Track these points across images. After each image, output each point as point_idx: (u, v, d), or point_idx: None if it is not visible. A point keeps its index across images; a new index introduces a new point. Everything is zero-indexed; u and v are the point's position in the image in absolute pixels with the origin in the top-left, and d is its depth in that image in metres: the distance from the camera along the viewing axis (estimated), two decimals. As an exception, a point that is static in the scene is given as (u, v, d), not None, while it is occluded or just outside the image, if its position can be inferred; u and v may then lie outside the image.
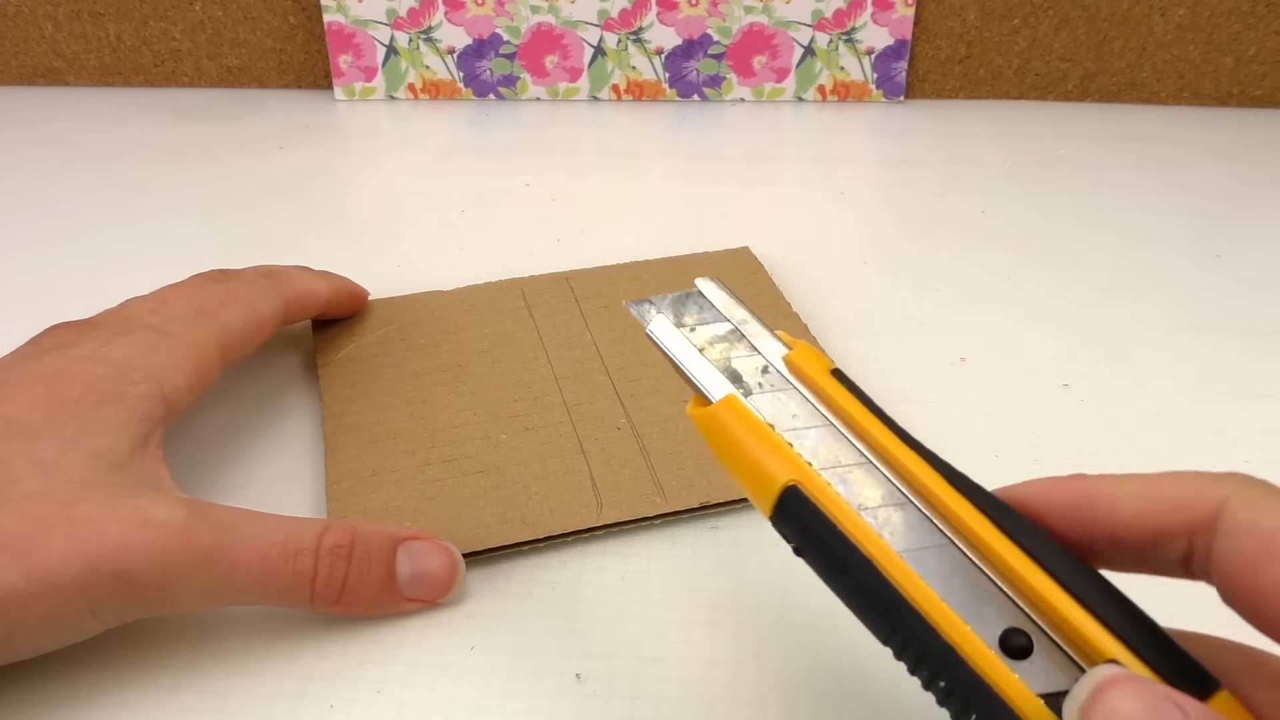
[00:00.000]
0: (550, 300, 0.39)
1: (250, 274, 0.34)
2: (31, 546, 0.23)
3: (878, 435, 0.19)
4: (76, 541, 0.23)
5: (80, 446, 0.25)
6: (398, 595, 0.27)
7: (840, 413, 0.19)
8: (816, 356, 0.20)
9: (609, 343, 0.37)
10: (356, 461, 0.31)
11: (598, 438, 0.32)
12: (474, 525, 0.29)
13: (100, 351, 0.28)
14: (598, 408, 0.33)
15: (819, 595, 0.28)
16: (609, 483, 0.31)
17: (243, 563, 0.24)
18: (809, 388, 0.20)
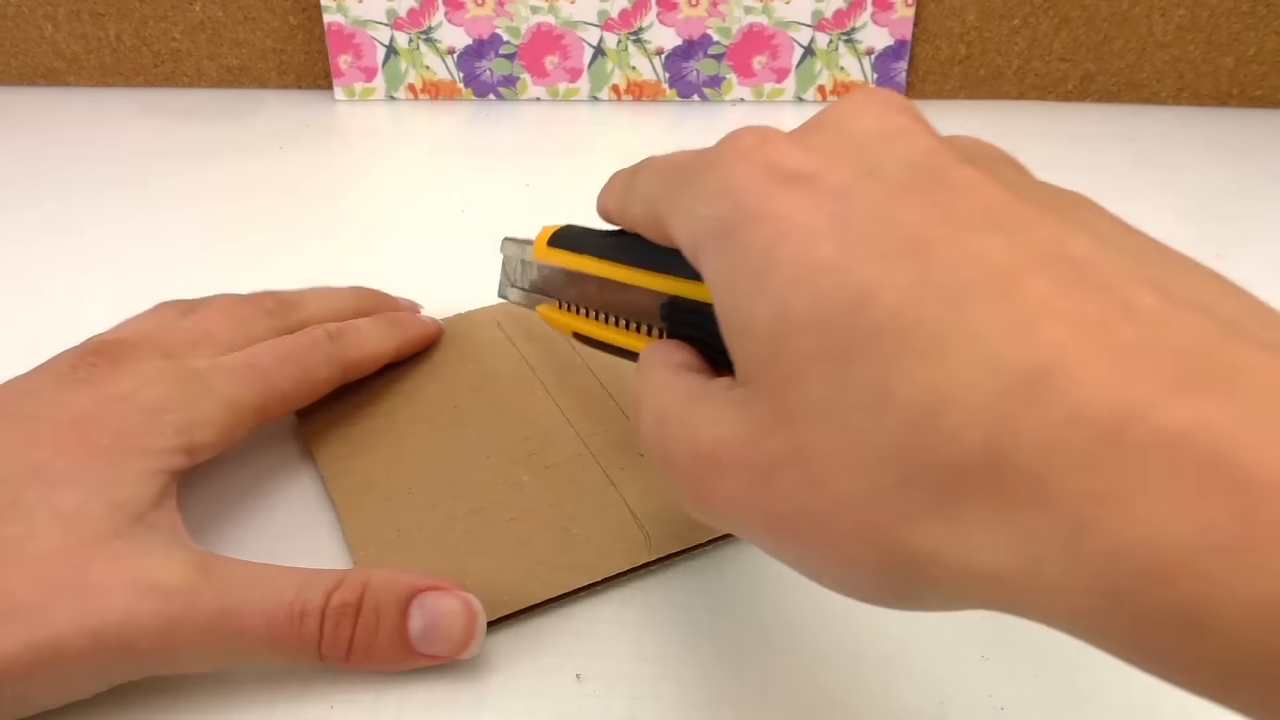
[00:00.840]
0: (528, 326, 0.37)
1: (316, 333, 0.32)
2: (40, 617, 0.23)
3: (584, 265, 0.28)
4: (83, 612, 0.23)
5: (103, 497, 0.25)
6: (411, 652, 0.25)
7: (565, 262, 0.30)
8: (542, 247, 0.30)
9: (602, 364, 0.35)
10: (377, 523, 0.29)
11: (623, 466, 0.31)
12: (524, 578, 0.27)
13: (136, 395, 0.27)
14: (613, 435, 0.32)
15: (820, 596, 0.28)
16: (649, 513, 0.29)
17: (248, 629, 0.24)
18: (553, 263, 0.30)
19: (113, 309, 0.41)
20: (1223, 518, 0.13)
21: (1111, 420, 0.14)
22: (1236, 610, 0.12)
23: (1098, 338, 0.14)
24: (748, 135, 0.20)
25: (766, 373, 0.18)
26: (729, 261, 0.19)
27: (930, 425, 0.15)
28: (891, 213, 0.17)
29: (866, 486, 0.16)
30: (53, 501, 0.25)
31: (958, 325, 0.15)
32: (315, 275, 0.43)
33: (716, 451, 0.19)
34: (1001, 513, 0.15)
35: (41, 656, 0.23)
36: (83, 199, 0.50)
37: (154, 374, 0.28)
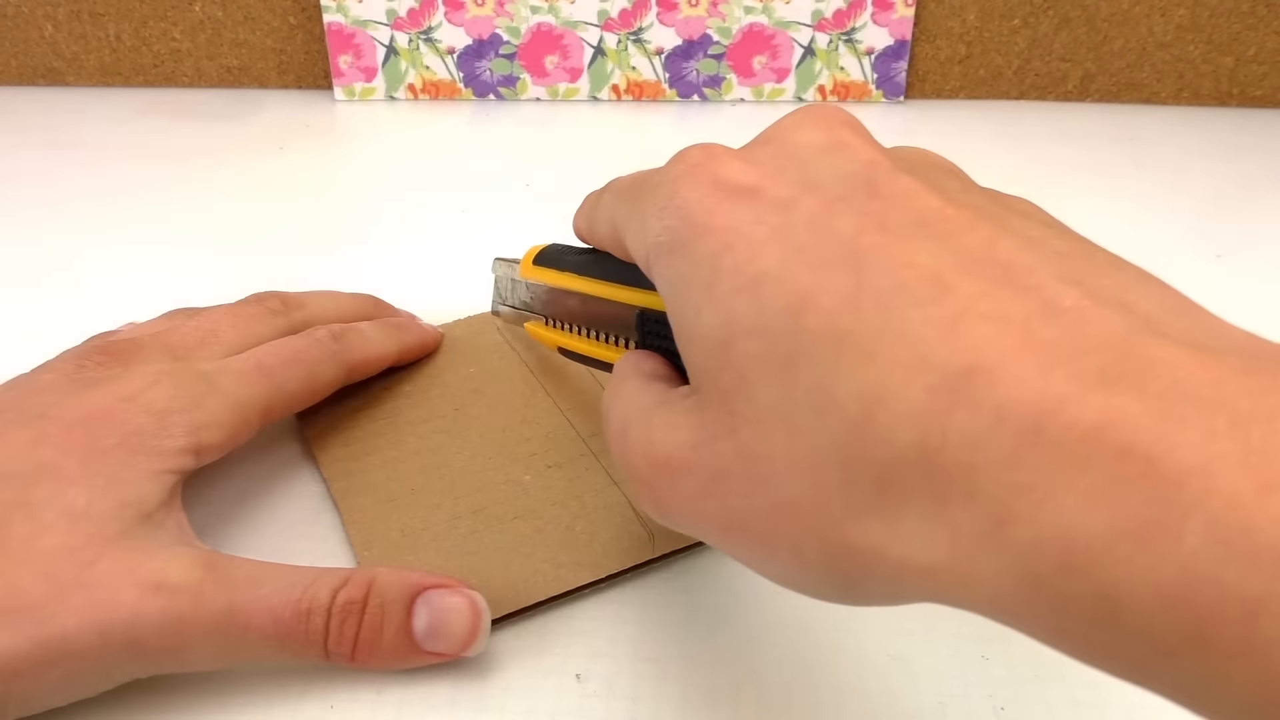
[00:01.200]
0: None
1: (320, 333, 0.32)
2: (48, 613, 0.23)
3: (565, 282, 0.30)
4: (91, 608, 0.23)
5: (111, 495, 0.25)
6: (416, 649, 0.25)
7: (549, 279, 0.31)
8: (529, 266, 0.31)
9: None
10: (380, 524, 0.29)
11: None
12: (528, 575, 0.27)
13: (145, 395, 0.27)
14: None
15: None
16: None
17: (255, 626, 0.24)
18: (539, 280, 0.31)
19: (113, 308, 0.41)
20: (1132, 507, 0.13)
21: (1031, 417, 0.14)
22: (1147, 595, 0.13)
23: (1020, 337, 0.15)
24: (695, 151, 0.21)
25: (715, 380, 0.19)
26: (678, 273, 0.20)
27: (867, 425, 0.16)
28: (829, 223, 0.18)
29: (811, 486, 0.17)
30: (61, 500, 0.25)
31: (890, 329, 0.16)
32: (315, 275, 0.43)
33: (671, 457, 0.20)
34: (934, 507, 0.15)
35: (49, 653, 0.23)
36: (82, 199, 0.50)
37: (162, 375, 0.28)
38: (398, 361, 0.35)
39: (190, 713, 0.25)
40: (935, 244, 0.17)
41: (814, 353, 0.17)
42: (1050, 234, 0.18)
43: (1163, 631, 0.13)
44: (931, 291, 0.16)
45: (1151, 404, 0.14)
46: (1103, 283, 0.16)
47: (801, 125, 0.21)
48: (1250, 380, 0.14)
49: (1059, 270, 0.16)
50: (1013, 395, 0.14)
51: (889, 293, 0.16)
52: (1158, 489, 0.13)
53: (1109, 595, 0.13)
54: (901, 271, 0.17)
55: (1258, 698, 0.12)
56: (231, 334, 0.31)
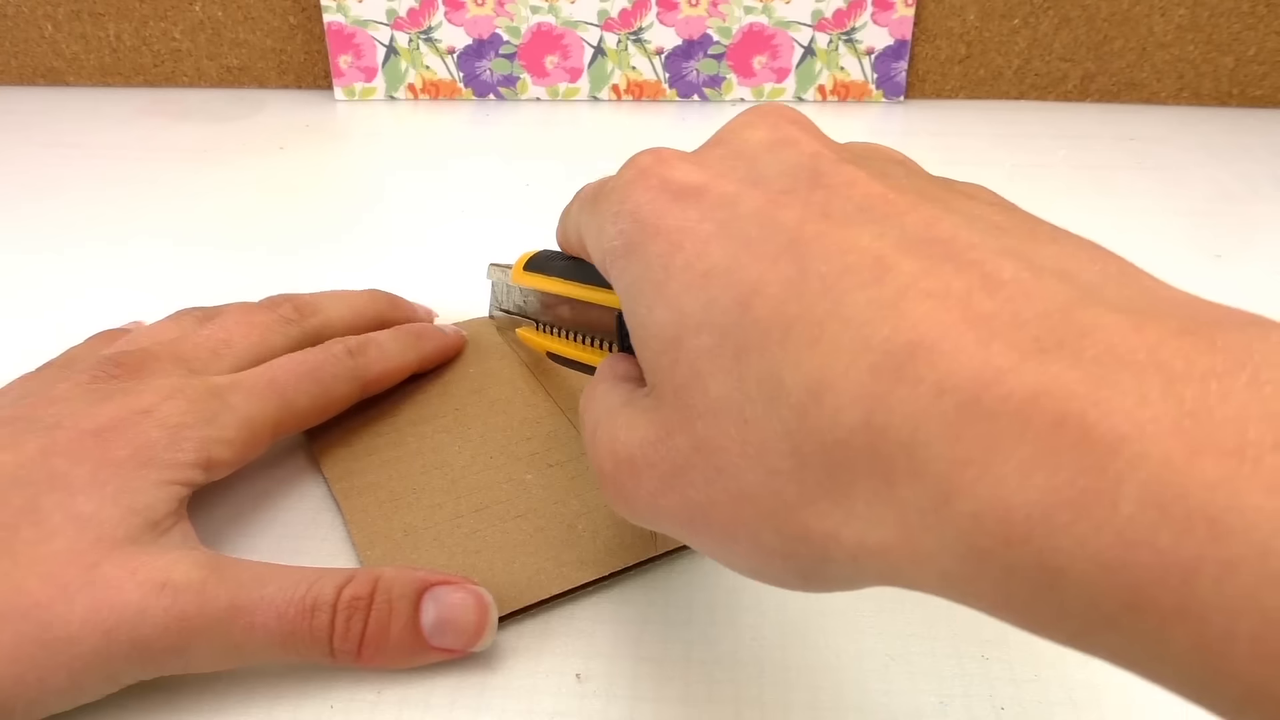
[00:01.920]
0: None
1: (337, 348, 0.32)
2: (53, 614, 0.23)
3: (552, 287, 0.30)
4: (96, 609, 0.23)
5: (120, 503, 0.25)
6: (423, 645, 0.25)
7: (537, 284, 0.31)
8: (519, 271, 0.32)
9: None
10: (382, 523, 0.29)
11: None
12: (531, 573, 0.28)
13: (159, 410, 0.27)
14: None
15: (820, 596, 0.28)
16: None
17: (259, 624, 0.24)
18: (528, 285, 0.32)
19: (113, 308, 0.41)
20: (1069, 475, 0.13)
21: (970, 389, 0.14)
22: (1086, 563, 0.13)
23: (960, 312, 0.15)
24: (644, 156, 0.21)
25: (669, 376, 0.19)
26: (632, 275, 0.20)
27: (815, 410, 0.16)
28: (773, 215, 0.18)
29: (765, 475, 0.17)
30: (69, 507, 0.25)
31: (834, 313, 0.16)
32: (315, 274, 0.43)
33: (633, 454, 0.20)
34: (882, 487, 0.15)
35: (54, 655, 0.23)
36: (82, 199, 0.50)
37: (176, 390, 0.28)
38: (417, 370, 0.35)
39: (191, 714, 0.25)
40: (877, 227, 0.17)
41: (762, 342, 0.17)
42: (993, 211, 0.18)
43: (1102, 598, 0.13)
44: (873, 273, 0.16)
45: (1086, 371, 0.14)
46: (1044, 253, 0.16)
47: (748, 124, 0.21)
48: (1185, 341, 0.13)
49: (999, 244, 0.16)
50: (952, 369, 0.15)
51: (832, 277, 0.17)
52: (1092, 456, 0.13)
53: (1049, 565, 0.13)
54: (844, 256, 0.17)
55: (1197, 660, 0.12)
56: (244, 344, 0.31)
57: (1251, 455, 0.12)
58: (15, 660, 0.22)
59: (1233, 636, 0.12)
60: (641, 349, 0.20)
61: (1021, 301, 0.15)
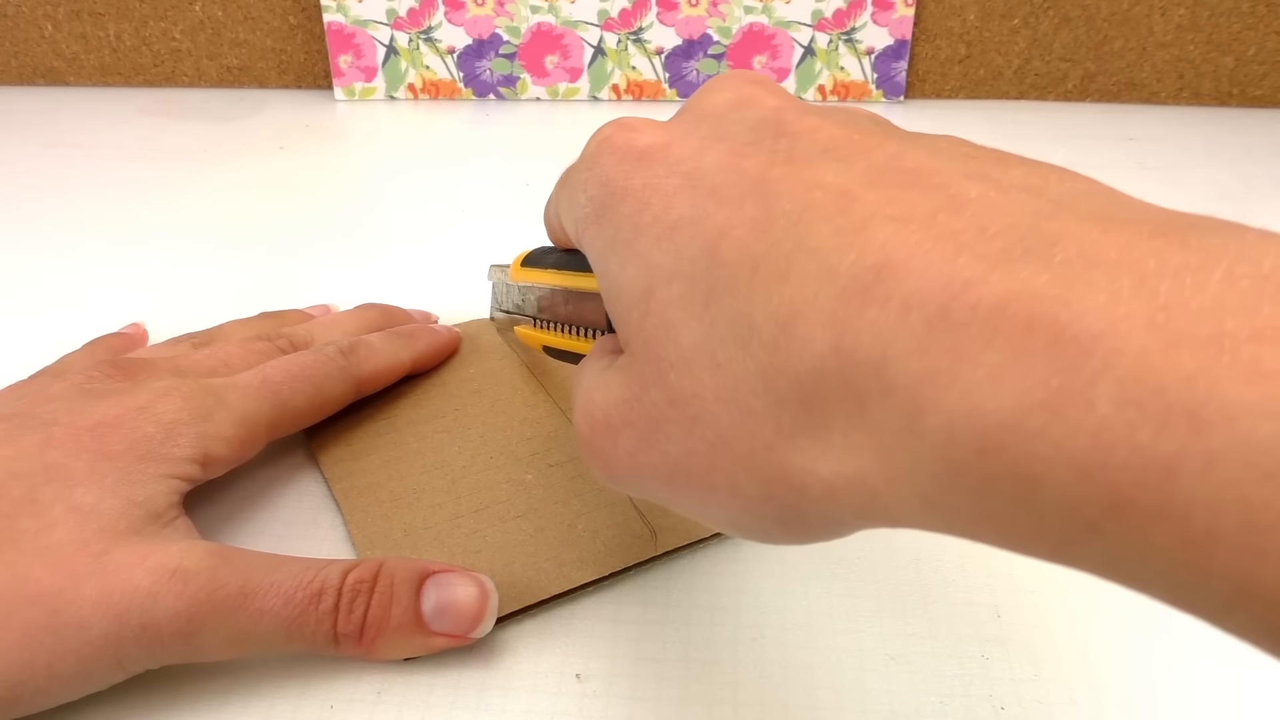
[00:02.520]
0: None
1: (329, 349, 0.32)
2: (63, 600, 0.23)
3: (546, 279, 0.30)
4: (108, 593, 0.23)
5: (119, 494, 0.25)
6: (424, 630, 0.25)
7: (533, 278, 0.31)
8: (517, 268, 0.31)
9: None
10: (382, 523, 0.29)
11: None
12: (531, 573, 0.28)
13: (154, 406, 0.28)
14: None
15: (820, 596, 0.28)
16: (654, 509, 0.29)
17: (268, 609, 0.24)
18: (525, 280, 0.32)
19: (113, 308, 0.41)
20: (1041, 377, 0.13)
21: (937, 302, 0.14)
22: (1064, 466, 0.12)
23: (924, 230, 0.15)
24: (608, 126, 0.22)
25: (639, 330, 0.19)
26: (604, 239, 0.20)
27: (785, 342, 0.16)
28: (737, 164, 0.18)
29: (741, 416, 0.17)
30: (68, 498, 0.25)
31: (800, 245, 0.16)
32: (315, 275, 0.43)
33: (609, 415, 0.20)
34: (855, 411, 0.15)
35: (64, 640, 0.23)
36: (82, 198, 0.50)
37: (171, 388, 0.28)
38: (413, 370, 0.35)
39: (191, 713, 0.25)
40: (842, 164, 0.17)
41: (731, 284, 0.17)
42: (961, 146, 0.18)
43: (1081, 503, 0.12)
44: (838, 205, 0.16)
45: (1057, 273, 0.13)
46: (1012, 175, 0.16)
47: (711, 90, 0.21)
48: (1157, 243, 0.13)
49: (966, 169, 0.16)
50: (919, 285, 0.14)
51: (797, 214, 0.17)
52: (1065, 356, 0.13)
53: (1025, 473, 0.13)
54: (809, 193, 0.17)
55: (1181, 560, 0.12)
56: (241, 365, 0.31)
57: (1229, 346, 0.12)
58: (24, 647, 0.23)
59: (1217, 532, 0.11)
60: (614, 306, 0.20)
61: (988, 216, 0.15)
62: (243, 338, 0.33)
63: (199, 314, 0.38)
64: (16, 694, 0.23)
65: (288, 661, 0.26)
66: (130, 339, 0.35)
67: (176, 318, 0.38)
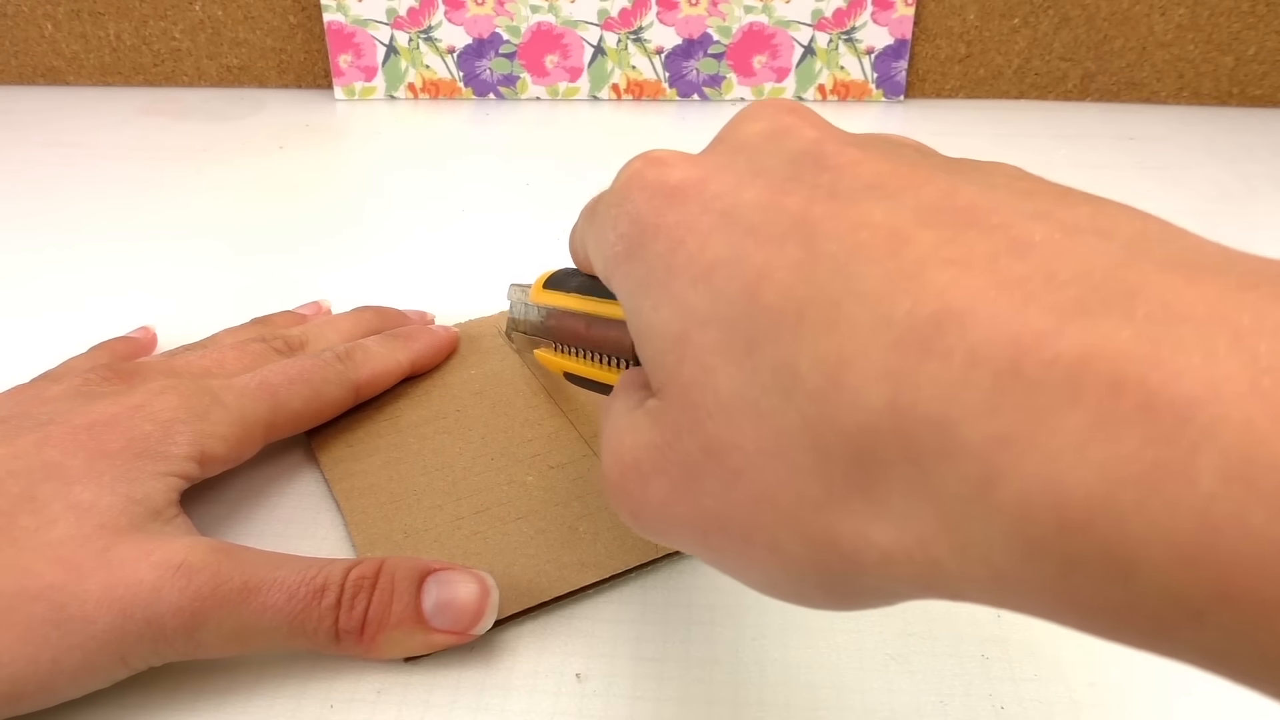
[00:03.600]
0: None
1: (327, 354, 0.32)
2: (67, 594, 0.23)
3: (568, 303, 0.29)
4: (113, 588, 0.23)
5: (118, 492, 0.25)
6: (425, 626, 0.25)
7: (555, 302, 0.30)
8: (538, 289, 0.31)
9: None
10: (383, 524, 0.29)
11: None
12: (532, 575, 0.28)
13: (151, 404, 0.28)
14: None
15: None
16: None
17: (271, 604, 0.24)
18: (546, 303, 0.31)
19: (113, 307, 0.41)
20: (1132, 447, 0.11)
21: (1007, 356, 0.13)
22: (1162, 549, 0.11)
23: (988, 276, 0.14)
24: (637, 160, 0.21)
25: (674, 375, 0.18)
26: (635, 278, 0.19)
27: (835, 393, 0.15)
28: (777, 201, 0.17)
29: (785, 472, 0.16)
30: (67, 495, 0.25)
31: (848, 290, 0.15)
32: (315, 274, 0.43)
33: (638, 459, 0.19)
34: (914, 473, 0.14)
35: (68, 635, 0.23)
36: (82, 198, 0.50)
37: (167, 387, 0.29)
38: (412, 372, 0.35)
39: (191, 712, 0.25)
40: (890, 201, 0.16)
41: (774, 330, 0.16)
42: (1018, 179, 0.17)
43: (1185, 590, 0.11)
44: (889, 247, 0.15)
45: (1141, 329, 0.12)
46: (1077, 214, 0.15)
47: (746, 119, 0.20)
48: (1249, 295, 0.12)
49: (1026, 207, 0.15)
50: (985, 336, 0.13)
51: (844, 256, 0.15)
52: (1159, 424, 0.11)
53: (1117, 554, 0.12)
54: (856, 233, 0.16)
55: None
56: (238, 367, 0.32)
57: None
58: (28, 642, 0.23)
59: None
60: (645, 349, 0.19)
61: (1056, 262, 0.13)
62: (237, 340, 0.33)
63: (199, 313, 0.38)
64: (21, 689, 0.23)
65: (287, 660, 0.26)
66: (138, 343, 0.36)
67: (176, 317, 0.38)
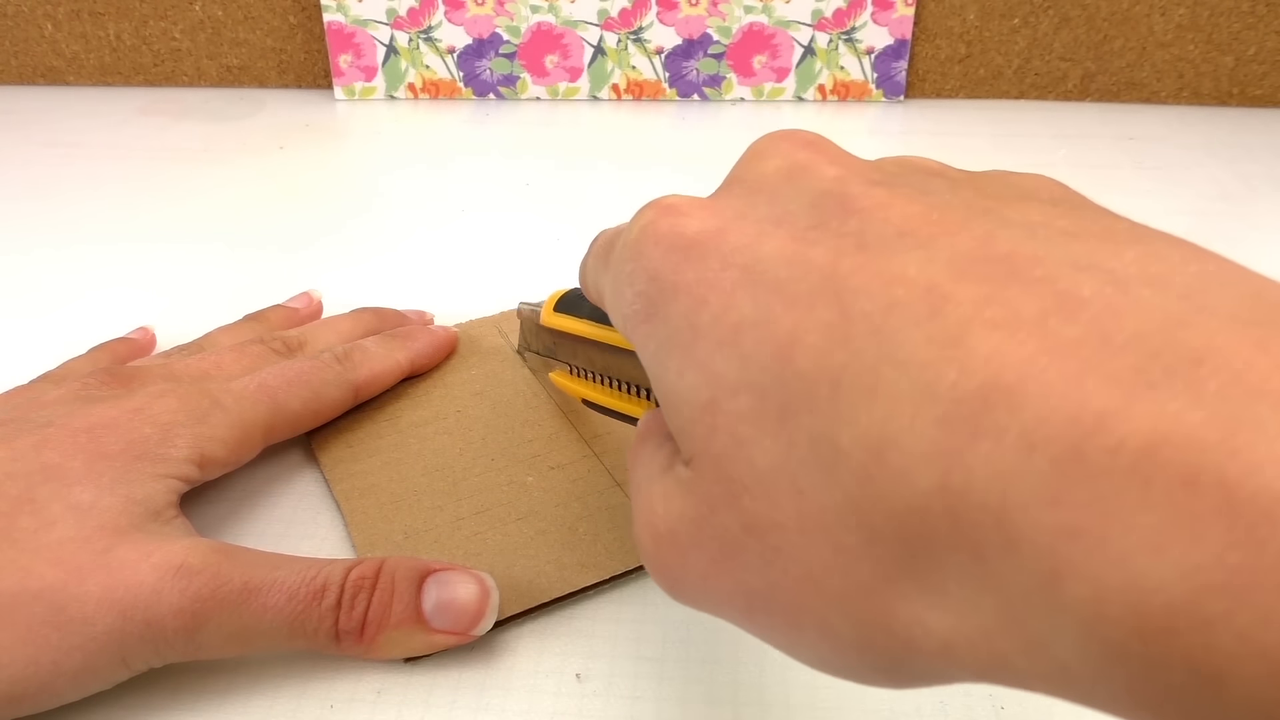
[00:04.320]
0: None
1: (325, 355, 0.32)
2: (67, 595, 0.23)
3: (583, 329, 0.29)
4: (110, 589, 0.23)
5: (118, 493, 0.25)
6: (425, 627, 0.25)
7: (568, 327, 0.30)
8: (549, 312, 0.31)
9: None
10: (383, 525, 0.29)
11: (628, 467, 0.31)
12: (532, 576, 0.28)
13: (150, 408, 0.28)
14: (617, 437, 0.32)
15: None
16: None
17: (271, 605, 0.24)
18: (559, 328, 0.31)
19: (113, 308, 0.41)
20: (1215, 550, 0.11)
21: (1068, 440, 0.12)
22: (1254, 663, 0.10)
23: (1037, 341, 0.13)
24: (649, 209, 0.19)
25: (706, 445, 0.17)
26: (657, 340, 0.18)
27: (879, 473, 0.14)
28: (802, 253, 0.16)
29: (831, 552, 0.15)
30: (66, 497, 0.25)
31: (888, 357, 0.14)
32: (315, 274, 0.43)
33: (674, 530, 0.18)
34: (972, 563, 0.13)
35: (68, 636, 0.23)
36: (82, 198, 0.50)
37: (166, 390, 0.29)
38: (411, 372, 0.35)
39: (191, 712, 0.25)
40: (923, 252, 0.15)
41: (809, 399, 0.15)
42: (1057, 214, 0.16)
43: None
44: (927, 305, 0.14)
45: (1212, 409, 0.11)
46: (1125, 259, 0.14)
47: (759, 155, 0.19)
48: None
49: (1070, 255, 0.14)
50: (1041, 415, 0.12)
51: (879, 316, 0.14)
52: (1242, 524, 0.10)
53: (1204, 666, 0.11)
54: (890, 290, 0.14)
55: None
56: (237, 369, 0.32)
57: None
58: (28, 643, 0.23)
59: None
60: (673, 417, 0.18)
61: (1110, 322, 0.12)
62: (235, 342, 0.33)
63: (198, 313, 0.38)
64: (22, 691, 0.23)
65: (287, 661, 0.26)
66: (137, 344, 0.36)
67: (176, 317, 0.38)
